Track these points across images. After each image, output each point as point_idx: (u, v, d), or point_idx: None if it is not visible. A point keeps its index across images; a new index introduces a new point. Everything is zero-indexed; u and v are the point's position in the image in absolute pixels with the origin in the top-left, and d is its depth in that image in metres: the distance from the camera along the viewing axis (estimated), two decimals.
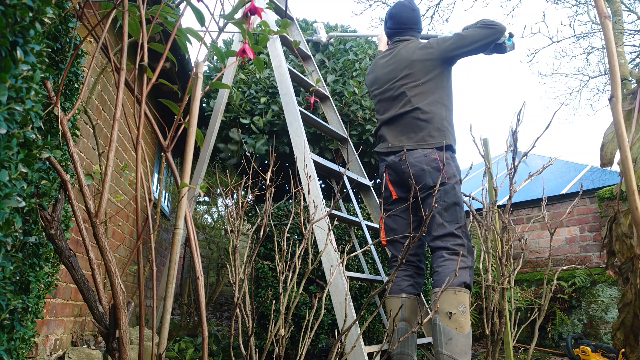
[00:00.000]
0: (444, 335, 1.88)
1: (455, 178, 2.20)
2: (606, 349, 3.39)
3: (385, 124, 2.39)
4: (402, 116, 2.30)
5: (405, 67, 2.34)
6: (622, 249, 1.47)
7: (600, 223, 4.50)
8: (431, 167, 2.16)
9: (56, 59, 1.11)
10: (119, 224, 3.11)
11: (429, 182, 2.15)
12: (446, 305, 1.92)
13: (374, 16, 37.54)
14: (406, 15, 2.49)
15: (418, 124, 2.25)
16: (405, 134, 2.28)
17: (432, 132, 2.22)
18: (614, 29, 6.44)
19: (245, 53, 1.22)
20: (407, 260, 2.26)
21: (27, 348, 1.04)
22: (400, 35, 2.50)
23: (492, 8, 26.03)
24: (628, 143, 1.07)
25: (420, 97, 2.27)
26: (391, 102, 2.38)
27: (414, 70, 2.31)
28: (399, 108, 2.32)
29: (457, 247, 2.05)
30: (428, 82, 2.29)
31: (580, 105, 27.53)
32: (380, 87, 2.46)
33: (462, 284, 1.96)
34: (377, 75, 2.51)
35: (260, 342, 2.88)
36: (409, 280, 2.22)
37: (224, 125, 3.93)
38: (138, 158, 1.00)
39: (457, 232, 2.09)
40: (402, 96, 2.32)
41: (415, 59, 2.32)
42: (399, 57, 2.40)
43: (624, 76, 6.14)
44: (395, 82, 2.36)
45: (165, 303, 1.05)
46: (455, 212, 2.12)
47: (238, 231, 1.64)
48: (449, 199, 2.13)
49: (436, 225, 2.11)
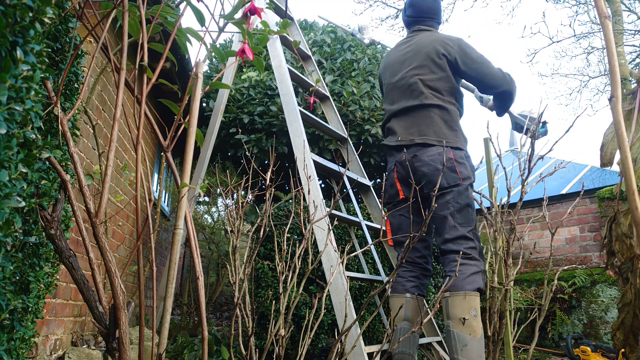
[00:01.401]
0: (459, 342, 1.84)
1: (469, 179, 2.12)
2: (606, 349, 3.39)
3: (395, 116, 2.28)
4: (414, 109, 2.19)
5: (424, 57, 2.21)
6: (622, 249, 1.47)
7: (600, 223, 4.50)
8: (446, 167, 2.07)
9: (56, 59, 1.11)
10: (119, 224, 3.11)
11: (442, 183, 2.06)
12: (458, 311, 1.88)
13: (374, 16, 37.54)
14: (427, 4, 2.39)
15: (431, 119, 2.14)
16: (416, 127, 2.16)
17: (445, 130, 2.13)
18: (614, 29, 6.44)
19: (245, 53, 1.22)
20: (413, 262, 2.20)
21: (27, 348, 1.04)
22: (420, 24, 2.39)
23: (492, 8, 26.06)
24: (628, 143, 1.07)
25: (435, 91, 2.17)
26: (403, 92, 2.25)
27: (430, 63, 2.20)
28: (411, 99, 2.20)
29: (470, 251, 2.00)
30: (443, 79, 2.19)
31: (580, 105, 27.52)
32: (394, 75, 2.32)
33: (477, 289, 1.92)
34: (391, 61, 2.38)
35: (260, 342, 2.88)
36: (414, 281, 2.17)
37: (224, 125, 3.93)
38: (138, 158, 1.00)
39: (469, 235, 2.03)
40: (415, 86, 2.20)
41: (433, 50, 2.20)
42: (418, 46, 2.27)
43: (624, 76, 6.14)
44: (410, 70, 2.23)
45: (165, 303, 1.05)
46: (467, 213, 2.06)
47: (238, 231, 1.64)
48: (462, 200, 2.06)
49: (448, 227, 2.04)
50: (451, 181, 2.07)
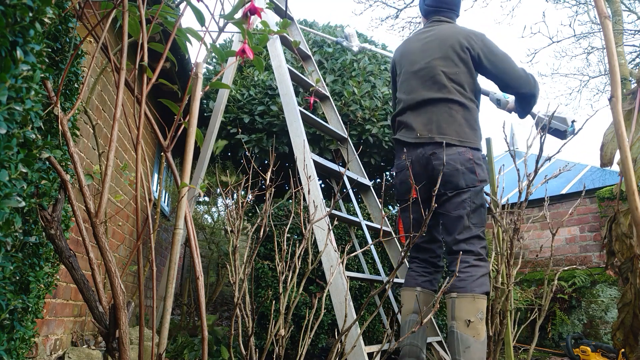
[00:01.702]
0: (461, 343, 1.83)
1: (486, 182, 2.08)
2: (606, 349, 3.39)
3: (412, 109, 2.16)
4: (434, 102, 2.09)
5: (447, 48, 2.12)
6: (622, 249, 1.47)
7: (600, 223, 4.50)
8: (465, 168, 2.02)
9: (56, 59, 1.11)
10: (119, 224, 3.11)
11: (461, 184, 2.01)
12: (464, 313, 1.87)
13: (374, 16, 37.49)
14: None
15: (453, 116, 2.06)
16: (436, 124, 2.07)
17: (465, 128, 2.07)
18: (614, 29, 6.44)
19: (245, 53, 1.22)
20: (424, 259, 2.19)
21: (27, 348, 1.04)
22: (440, 15, 2.29)
23: (492, 8, 26.02)
24: (628, 143, 1.07)
25: (458, 85, 2.09)
26: (424, 82, 2.14)
27: (453, 55, 2.11)
28: (433, 91, 2.10)
29: (482, 251, 1.99)
30: (466, 73, 2.11)
31: (580, 105, 27.53)
32: (413, 64, 2.20)
33: (485, 292, 1.90)
34: (411, 49, 2.26)
35: (260, 342, 2.88)
36: (426, 276, 2.16)
37: (224, 125, 3.93)
38: (138, 158, 1.00)
39: (482, 235, 2.02)
40: (438, 78, 2.10)
41: (457, 42, 2.11)
42: (441, 37, 2.16)
43: (624, 76, 6.14)
44: (433, 60, 2.13)
45: (165, 303, 1.05)
46: (481, 214, 2.04)
47: (238, 231, 1.64)
48: (478, 201, 2.03)
49: (462, 227, 2.00)
50: (469, 182, 2.02)
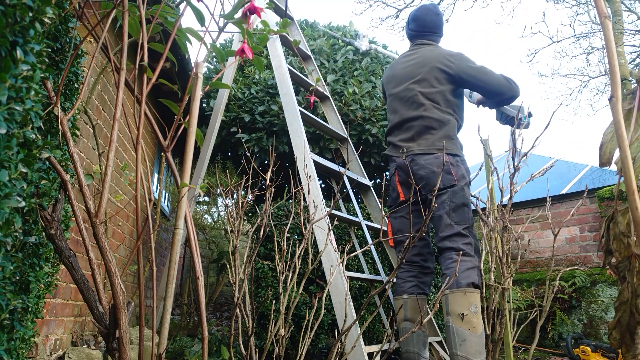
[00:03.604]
0: (457, 336, 1.90)
1: (464, 180, 2.22)
2: (606, 349, 3.39)
3: (397, 128, 2.40)
4: (414, 119, 2.31)
5: (425, 71, 2.35)
6: (620, 248, 1.47)
7: (600, 223, 4.50)
8: (441, 170, 2.18)
9: (56, 59, 1.11)
10: (119, 224, 3.11)
11: (439, 185, 2.15)
12: (457, 307, 1.94)
13: (374, 16, 37.50)
14: (430, 19, 2.51)
15: (429, 131, 2.27)
16: (415, 141, 2.30)
17: (443, 139, 2.26)
18: (614, 29, 6.44)
19: (244, 53, 1.22)
20: (410, 261, 2.28)
21: (27, 348, 1.04)
22: (423, 39, 2.52)
23: (492, 8, 26.00)
24: (627, 143, 1.07)
25: (435, 102, 2.30)
26: (403, 103, 2.38)
27: (431, 77, 2.33)
28: (411, 110, 2.33)
29: (465, 247, 2.07)
30: (442, 92, 2.31)
31: (580, 105, 27.53)
32: (397, 86, 2.46)
33: (471, 284, 1.98)
34: (396, 73, 2.50)
35: (260, 342, 2.88)
36: (412, 280, 2.24)
37: (224, 124, 3.93)
38: (138, 158, 1.00)
39: (464, 232, 2.11)
40: (416, 98, 2.33)
41: (435, 65, 2.33)
42: (421, 60, 2.40)
43: (624, 76, 6.13)
44: (412, 83, 2.37)
45: (165, 303, 1.05)
46: (463, 212, 2.15)
47: (238, 231, 1.64)
48: (458, 200, 2.16)
49: (444, 225, 2.13)
50: (447, 182, 2.18)
